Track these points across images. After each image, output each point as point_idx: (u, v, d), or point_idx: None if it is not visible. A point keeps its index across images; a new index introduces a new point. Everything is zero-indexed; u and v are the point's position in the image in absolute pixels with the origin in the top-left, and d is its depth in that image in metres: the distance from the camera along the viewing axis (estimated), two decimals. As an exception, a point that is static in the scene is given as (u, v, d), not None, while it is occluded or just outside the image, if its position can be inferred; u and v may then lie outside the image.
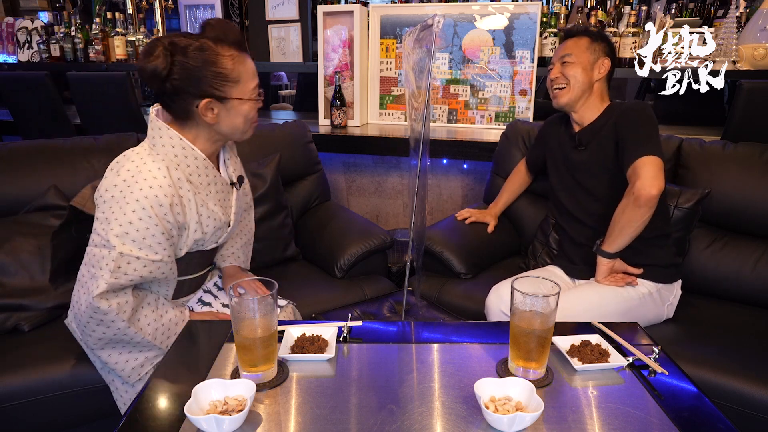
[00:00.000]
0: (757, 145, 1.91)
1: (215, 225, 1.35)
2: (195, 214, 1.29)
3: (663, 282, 1.65)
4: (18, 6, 4.28)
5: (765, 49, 2.28)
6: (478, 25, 2.68)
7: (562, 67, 1.69)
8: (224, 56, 1.21)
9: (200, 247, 1.38)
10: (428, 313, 1.76)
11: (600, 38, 1.70)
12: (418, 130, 1.31)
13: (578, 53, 1.68)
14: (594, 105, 1.71)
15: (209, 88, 1.21)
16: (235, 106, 1.25)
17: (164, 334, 1.33)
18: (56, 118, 2.90)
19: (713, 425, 0.94)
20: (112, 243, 1.19)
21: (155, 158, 1.24)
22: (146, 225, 1.20)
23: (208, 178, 1.33)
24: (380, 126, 2.87)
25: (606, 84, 1.72)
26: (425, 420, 0.92)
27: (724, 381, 1.43)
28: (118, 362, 1.31)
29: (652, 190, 1.48)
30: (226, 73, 1.21)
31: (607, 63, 1.69)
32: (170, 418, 0.92)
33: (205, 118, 1.24)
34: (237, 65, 1.22)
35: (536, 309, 1.01)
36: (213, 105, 1.23)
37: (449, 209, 2.77)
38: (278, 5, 3.05)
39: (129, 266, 1.21)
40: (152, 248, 1.23)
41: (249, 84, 1.26)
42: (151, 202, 1.19)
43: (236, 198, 1.44)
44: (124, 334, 1.26)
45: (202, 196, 1.31)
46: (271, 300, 1.00)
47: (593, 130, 1.70)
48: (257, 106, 1.30)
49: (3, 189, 1.79)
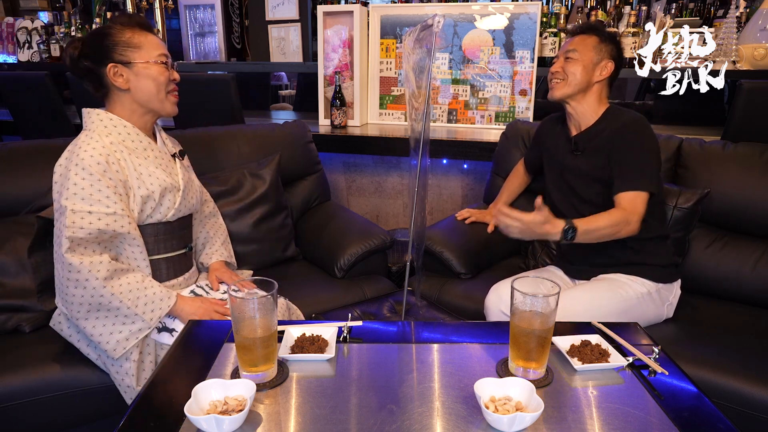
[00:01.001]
0: (757, 145, 1.91)
1: (161, 185, 1.43)
2: (134, 171, 1.40)
3: (662, 282, 1.65)
4: (18, 6, 4.28)
5: (765, 49, 2.28)
6: (478, 25, 2.68)
7: (565, 62, 1.67)
8: (124, 30, 1.40)
9: (160, 215, 1.45)
10: (428, 313, 1.76)
11: (609, 40, 1.67)
12: (418, 130, 1.31)
13: (583, 51, 1.65)
14: (591, 106, 1.68)
15: (112, 54, 1.38)
16: (141, 70, 1.40)
17: (147, 305, 1.37)
18: (56, 118, 2.90)
19: (713, 425, 0.94)
20: (64, 205, 1.31)
21: (87, 133, 1.40)
22: (90, 182, 1.32)
23: (142, 144, 1.45)
24: (380, 126, 2.87)
25: (607, 87, 1.69)
26: (425, 420, 0.92)
27: (724, 381, 1.43)
28: (102, 334, 1.35)
29: (635, 228, 1.54)
30: (125, 40, 1.39)
31: (610, 66, 1.65)
32: (170, 418, 0.92)
33: (116, 83, 1.39)
34: (137, 36, 1.40)
35: (536, 309, 1.01)
36: (120, 70, 1.38)
37: (449, 209, 2.77)
38: (278, 5, 3.05)
39: (83, 221, 1.31)
40: (102, 203, 1.33)
41: (152, 51, 1.41)
42: (89, 162, 1.33)
43: (180, 167, 1.54)
44: (101, 296, 1.32)
45: (140, 159, 1.43)
46: (271, 300, 1.00)
47: (589, 136, 1.68)
48: (166, 73, 1.43)
49: (3, 189, 1.78)
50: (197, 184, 1.65)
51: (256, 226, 2.02)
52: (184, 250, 1.56)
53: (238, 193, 2.00)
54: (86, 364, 1.46)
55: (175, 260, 1.52)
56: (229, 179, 2.01)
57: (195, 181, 1.63)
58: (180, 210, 1.50)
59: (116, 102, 1.43)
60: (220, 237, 1.74)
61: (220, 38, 3.28)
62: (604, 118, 1.67)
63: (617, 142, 1.59)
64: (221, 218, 1.81)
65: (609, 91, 1.71)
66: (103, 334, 1.35)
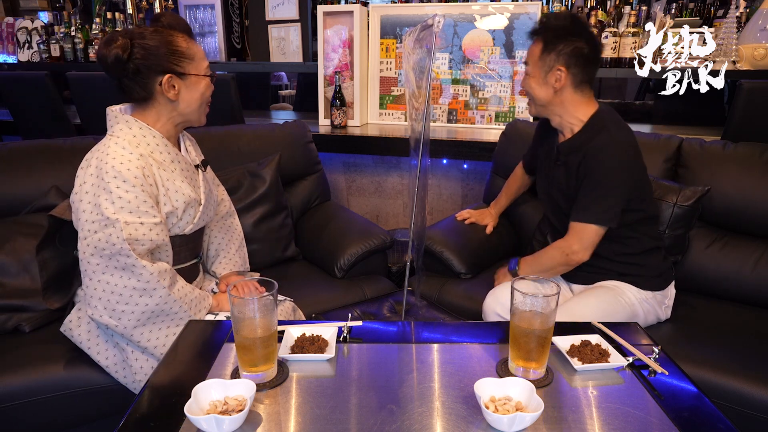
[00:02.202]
0: (757, 145, 1.91)
1: (185, 200, 1.40)
2: (162, 188, 1.36)
3: (657, 290, 1.63)
4: (18, 6, 4.28)
5: (765, 49, 2.28)
6: (478, 25, 2.68)
7: (524, 79, 1.57)
8: (178, 37, 1.34)
9: (179, 229, 1.42)
10: (428, 313, 1.76)
11: (557, 39, 1.46)
12: (418, 130, 1.31)
13: (532, 63, 1.52)
14: (570, 113, 1.54)
15: (169, 65, 1.32)
16: (194, 82, 1.37)
17: (196, 306, 1.40)
18: (56, 118, 2.90)
19: (713, 425, 0.94)
20: (112, 218, 1.26)
21: (117, 141, 1.33)
22: (135, 194, 1.28)
23: (170, 156, 1.40)
24: (380, 126, 2.87)
25: (578, 91, 1.51)
26: (425, 420, 0.92)
27: (724, 381, 1.43)
28: (159, 338, 1.35)
29: (583, 258, 1.54)
30: (182, 50, 1.34)
31: (561, 74, 1.47)
32: (170, 418, 0.92)
33: (167, 95, 1.34)
34: (190, 45, 1.36)
35: (536, 309, 1.01)
36: (174, 81, 1.34)
37: (449, 209, 2.77)
38: (278, 5, 3.05)
39: (137, 232, 1.28)
40: (149, 213, 1.30)
41: (202, 62, 1.38)
42: (126, 175, 1.28)
43: (203, 179, 1.50)
44: (165, 303, 1.32)
45: (167, 173, 1.38)
46: (271, 300, 1.00)
47: (572, 146, 1.56)
48: (211, 87, 1.42)
49: (3, 189, 1.78)
50: (215, 194, 1.60)
51: (256, 226, 2.02)
52: (195, 260, 1.55)
53: (238, 193, 2.00)
54: (87, 365, 1.46)
55: (185, 271, 1.50)
56: (229, 179, 2.01)
57: (214, 191, 1.59)
58: (197, 224, 1.47)
59: (153, 109, 1.37)
60: (234, 243, 1.70)
61: (220, 38, 3.28)
62: (587, 128, 1.54)
63: (583, 167, 1.51)
64: (237, 218, 1.76)
65: (587, 91, 1.54)
66: (159, 338, 1.35)
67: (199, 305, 1.41)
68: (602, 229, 1.52)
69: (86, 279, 1.31)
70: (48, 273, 1.52)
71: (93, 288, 1.30)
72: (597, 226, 1.51)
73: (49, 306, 1.51)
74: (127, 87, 1.35)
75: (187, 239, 1.48)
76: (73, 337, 1.44)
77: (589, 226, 1.51)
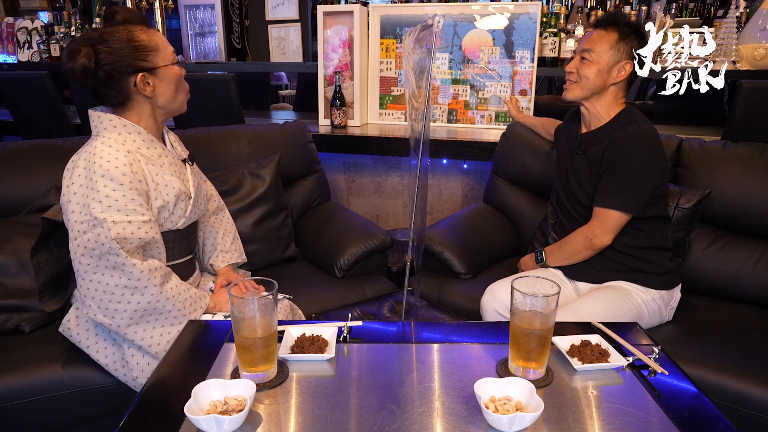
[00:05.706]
0: (757, 145, 1.90)
1: (175, 194, 1.41)
2: (152, 182, 1.36)
3: (663, 289, 1.64)
4: (18, 6, 4.28)
5: (765, 49, 2.28)
6: (478, 25, 2.68)
7: (580, 63, 1.60)
8: (137, 31, 1.32)
9: (171, 224, 1.42)
10: (428, 313, 1.76)
11: (633, 34, 1.55)
12: (418, 130, 1.31)
13: (599, 51, 1.56)
14: (604, 107, 1.63)
15: (137, 62, 1.31)
16: (165, 73, 1.35)
17: (192, 305, 1.39)
18: (56, 118, 2.90)
19: (713, 425, 0.94)
20: (100, 218, 1.26)
21: (103, 141, 1.33)
22: (122, 193, 1.28)
23: (157, 151, 1.41)
24: (380, 126, 2.87)
25: (624, 88, 1.62)
26: (425, 420, 0.92)
27: (724, 381, 1.43)
28: (153, 337, 1.35)
29: (605, 241, 1.58)
30: (144, 44, 1.32)
31: (628, 67, 1.56)
32: (170, 418, 0.92)
33: (144, 93, 1.34)
34: (150, 35, 1.34)
35: (536, 309, 1.01)
36: (147, 78, 1.33)
37: (449, 209, 2.77)
38: (278, 5, 3.05)
39: (126, 231, 1.28)
40: (137, 211, 1.30)
41: (167, 49, 1.36)
42: (114, 174, 1.28)
43: (191, 173, 1.51)
44: (157, 300, 1.31)
45: (156, 168, 1.38)
46: (271, 300, 1.00)
47: (595, 138, 1.64)
48: (182, 72, 1.40)
49: (3, 189, 1.78)
50: (204, 188, 1.61)
51: (256, 226, 2.02)
52: (190, 256, 1.56)
53: (238, 192, 2.00)
54: (86, 365, 1.46)
55: (181, 267, 1.50)
56: (229, 179, 2.01)
57: (203, 185, 1.60)
58: (190, 218, 1.48)
59: (133, 109, 1.37)
60: (229, 235, 1.71)
61: (220, 38, 3.28)
62: (615, 121, 1.62)
63: (610, 153, 1.56)
64: (228, 212, 1.77)
65: (627, 91, 1.64)
66: (154, 336, 1.35)
67: (195, 305, 1.40)
68: (625, 216, 1.56)
69: (79, 279, 1.32)
70: (44, 276, 1.51)
71: (86, 288, 1.31)
72: (620, 213, 1.56)
73: (46, 309, 1.51)
74: (103, 95, 1.35)
75: (181, 234, 1.48)
76: (71, 336, 1.44)
77: (613, 212, 1.56)
